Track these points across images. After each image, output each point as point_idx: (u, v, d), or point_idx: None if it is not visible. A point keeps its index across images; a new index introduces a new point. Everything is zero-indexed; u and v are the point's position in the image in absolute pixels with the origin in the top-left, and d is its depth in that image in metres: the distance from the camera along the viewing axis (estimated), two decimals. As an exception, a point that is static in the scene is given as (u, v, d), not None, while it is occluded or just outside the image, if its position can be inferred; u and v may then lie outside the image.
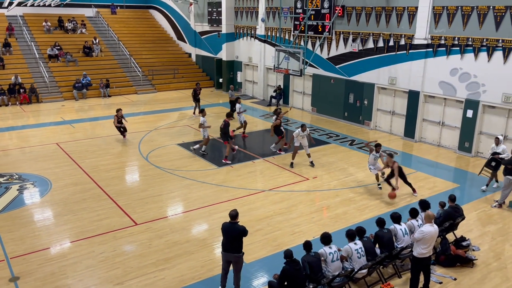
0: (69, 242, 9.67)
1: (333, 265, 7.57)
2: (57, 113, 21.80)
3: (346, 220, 10.77)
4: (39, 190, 12.40)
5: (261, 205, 11.56)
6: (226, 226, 7.77)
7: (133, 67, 28.57)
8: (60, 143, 16.65)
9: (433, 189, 12.81)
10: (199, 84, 21.39)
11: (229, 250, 7.72)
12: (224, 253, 7.79)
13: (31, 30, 28.76)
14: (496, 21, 14.37)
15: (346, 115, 20.34)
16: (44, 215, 10.95)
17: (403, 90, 17.75)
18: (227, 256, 7.79)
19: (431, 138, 17.21)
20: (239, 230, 7.71)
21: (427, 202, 8.92)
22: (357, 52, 19.29)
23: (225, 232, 7.72)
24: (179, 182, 13.16)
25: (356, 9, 18.99)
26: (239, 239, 7.72)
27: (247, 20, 25.88)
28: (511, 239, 10.09)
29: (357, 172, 14.04)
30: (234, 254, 7.73)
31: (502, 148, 12.18)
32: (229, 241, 7.69)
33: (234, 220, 7.74)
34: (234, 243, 7.68)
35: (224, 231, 7.74)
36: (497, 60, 14.55)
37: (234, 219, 7.74)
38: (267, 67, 24.82)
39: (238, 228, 7.71)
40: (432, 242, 7.72)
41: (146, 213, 11.05)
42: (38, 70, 25.74)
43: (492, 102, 14.90)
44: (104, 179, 13.25)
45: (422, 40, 16.55)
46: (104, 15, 32.60)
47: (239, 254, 7.77)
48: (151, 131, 18.62)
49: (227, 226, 7.75)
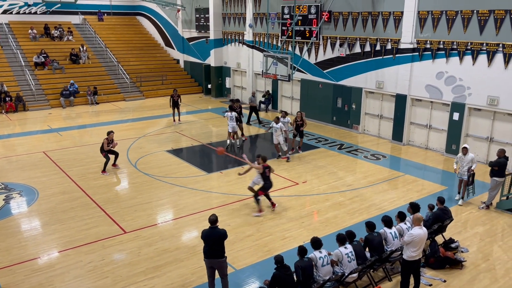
0: (57, 252, 9.53)
1: (323, 270, 7.56)
2: (44, 121, 21.57)
3: (336, 224, 10.79)
4: (26, 200, 12.23)
5: (251, 211, 11.53)
6: (206, 232, 7.71)
7: (121, 74, 28.42)
8: (47, 152, 16.46)
9: (421, 191, 12.91)
10: (176, 90, 21.08)
11: (211, 256, 7.65)
12: (207, 260, 7.72)
13: (16, 37, 28.46)
14: (480, 25, 14.60)
15: (335, 119, 20.45)
16: (31, 225, 10.79)
17: (390, 94, 17.91)
18: (210, 263, 7.74)
19: (418, 141, 17.37)
20: (220, 234, 7.68)
21: (417, 204, 8.96)
22: (345, 57, 19.43)
23: (206, 238, 7.66)
24: (168, 189, 13.08)
25: (342, 14, 19.15)
26: (221, 243, 7.68)
27: (235, 26, 25.94)
28: (499, 240, 10.21)
29: (346, 176, 14.10)
30: (217, 259, 7.68)
31: (470, 157, 11.82)
32: (211, 246, 7.62)
33: (214, 225, 7.70)
34: (216, 248, 7.64)
35: (205, 237, 7.67)
36: (481, 64, 14.76)
37: (214, 224, 7.70)
38: (256, 72, 24.88)
39: (219, 232, 7.69)
40: (422, 245, 7.77)
41: (135, 221, 10.95)
42: (24, 78, 25.47)
43: (478, 105, 15.11)
44: (92, 187, 13.12)
45: (408, 44, 16.74)
46: (91, 22, 32.43)
47: (222, 259, 7.74)
48: (140, 138, 18.51)
49: (207, 232, 7.70)
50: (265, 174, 11.25)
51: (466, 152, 11.86)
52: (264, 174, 11.25)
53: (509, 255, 9.47)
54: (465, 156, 11.86)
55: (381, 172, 14.50)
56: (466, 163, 11.82)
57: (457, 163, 12.09)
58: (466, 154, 11.85)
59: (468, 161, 11.83)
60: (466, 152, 11.86)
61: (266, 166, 11.25)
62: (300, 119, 16.02)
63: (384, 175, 14.29)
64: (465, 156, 11.86)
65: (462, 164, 11.89)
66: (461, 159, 11.95)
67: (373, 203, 12.08)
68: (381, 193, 12.78)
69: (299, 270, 7.34)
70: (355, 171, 14.69)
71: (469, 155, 11.87)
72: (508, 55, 13.99)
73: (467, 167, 11.78)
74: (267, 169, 11.25)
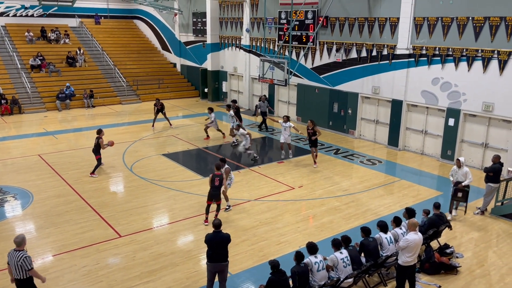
0: (51, 255, 9.47)
1: (319, 275, 7.55)
2: (40, 124, 21.49)
3: (331, 229, 10.79)
4: (20, 203, 12.15)
5: (247, 215, 11.52)
6: (210, 236, 7.72)
7: (117, 77, 28.39)
8: (42, 155, 16.39)
9: (417, 197, 12.95)
10: (159, 99, 20.55)
11: (216, 260, 7.67)
12: (211, 264, 7.72)
13: (13, 40, 28.38)
14: (475, 32, 14.71)
15: (331, 124, 20.50)
16: (25, 228, 10.72)
17: (386, 99, 17.98)
18: (214, 267, 7.73)
19: (414, 147, 17.43)
20: (225, 238, 7.74)
21: (413, 210, 8.98)
22: (341, 62, 19.51)
23: (211, 243, 7.67)
24: (164, 193, 13.05)
25: (339, 20, 19.24)
26: (225, 247, 7.74)
27: (232, 31, 26.01)
28: (494, 245, 10.24)
29: (342, 181, 14.12)
30: (222, 263, 7.71)
31: (465, 171, 11.28)
32: (216, 250, 7.64)
33: (218, 229, 7.74)
34: (220, 252, 7.67)
35: (209, 242, 7.69)
36: (476, 70, 14.86)
37: (218, 228, 7.75)
38: (252, 77, 24.92)
39: (223, 236, 7.74)
40: (417, 250, 7.79)
41: (130, 225, 10.91)
42: (20, 80, 25.39)
43: (473, 111, 15.19)
44: (88, 190, 13.06)
45: (404, 50, 16.84)
46: (88, 25, 32.42)
47: (226, 263, 7.79)
48: (136, 141, 18.47)
49: (212, 236, 7.71)
50: (214, 182, 10.79)
51: (460, 165, 11.35)
52: (212, 182, 10.81)
53: (503, 261, 9.50)
54: (459, 169, 11.39)
55: (377, 177, 14.54)
56: (461, 177, 11.33)
57: (453, 176, 11.63)
58: (460, 167, 11.36)
59: (463, 175, 11.30)
60: (460, 165, 11.36)
61: (216, 174, 10.84)
62: (311, 128, 15.12)
63: (380, 180, 14.32)
64: (459, 169, 11.39)
65: (457, 177, 11.43)
66: (455, 172, 11.51)
67: (368, 208, 12.10)
68: (377, 198, 12.81)
69: (295, 275, 7.33)
70: (351, 176, 14.72)
71: (464, 168, 11.36)
72: (503, 61, 14.10)
73: (468, 180, 11.25)
74: (217, 178, 10.82)
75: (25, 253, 6.96)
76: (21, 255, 6.90)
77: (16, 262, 6.89)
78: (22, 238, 7.07)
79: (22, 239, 7.05)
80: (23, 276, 6.97)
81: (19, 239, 7.04)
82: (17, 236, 7.13)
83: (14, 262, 6.92)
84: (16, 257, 6.91)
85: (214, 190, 10.82)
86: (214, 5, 26.34)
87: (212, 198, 10.91)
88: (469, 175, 11.28)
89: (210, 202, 11.01)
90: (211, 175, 10.86)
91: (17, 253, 6.94)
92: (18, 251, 6.97)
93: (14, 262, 6.92)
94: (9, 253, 7.08)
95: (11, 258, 6.99)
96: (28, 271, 6.95)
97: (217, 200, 10.99)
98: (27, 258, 6.92)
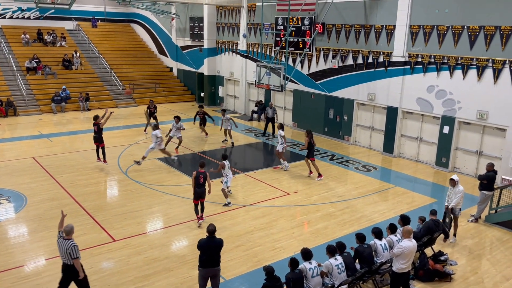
0: (44, 259, 9.41)
1: (313, 281, 7.54)
2: (35, 127, 21.39)
3: (326, 235, 10.79)
4: (13, 206, 12.07)
5: (242, 220, 11.50)
6: (204, 241, 7.71)
7: (113, 81, 28.35)
8: (36, 157, 16.31)
9: (412, 204, 12.98)
10: (153, 101, 20.93)
11: (208, 265, 7.67)
12: (204, 269, 7.71)
13: (9, 42, 28.31)
14: (470, 40, 14.84)
15: (326, 130, 20.55)
16: (18, 232, 10.65)
17: (382, 106, 18.07)
18: (207, 272, 7.73)
19: (409, 154, 17.50)
20: (218, 243, 7.75)
21: (408, 217, 9.00)
22: (337, 69, 19.60)
23: (205, 248, 7.66)
24: (158, 197, 13.01)
25: (336, 27, 19.36)
26: (218, 252, 7.74)
27: (228, 36, 26.08)
28: (487, 253, 10.28)
29: (337, 187, 14.15)
30: (214, 268, 7.73)
31: (458, 190, 10.53)
32: (209, 255, 7.64)
33: (213, 235, 7.74)
34: (214, 257, 7.68)
35: (202, 247, 7.67)
36: (471, 78, 14.98)
37: (213, 234, 7.74)
38: (249, 82, 24.97)
39: (217, 241, 7.75)
40: (411, 257, 7.80)
41: (125, 229, 10.85)
42: (15, 82, 25.29)
43: (467, 119, 15.29)
44: (82, 194, 13.00)
45: (399, 57, 16.95)
46: (84, 28, 32.40)
47: (218, 267, 7.81)
48: (131, 145, 18.42)
49: (205, 242, 7.70)
50: (198, 180, 10.99)
51: (455, 184, 10.61)
52: (197, 180, 10.99)
53: (497, 269, 9.53)
54: (454, 188, 10.65)
55: (372, 184, 14.58)
56: (455, 196, 10.60)
57: (448, 196, 10.89)
58: (455, 186, 10.61)
59: (458, 193, 10.56)
60: (454, 184, 10.62)
61: (200, 172, 11.01)
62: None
63: (375, 186, 14.36)
64: (454, 188, 10.65)
65: (452, 197, 10.66)
66: (450, 192, 10.79)
67: (363, 214, 12.12)
68: (372, 204, 12.83)
69: (290, 282, 7.31)
70: (346, 182, 14.75)
71: (459, 187, 10.59)
72: (498, 70, 14.22)
73: (456, 199, 10.57)
74: (201, 175, 10.97)
75: (73, 242, 7.41)
76: (70, 244, 7.36)
77: (65, 249, 7.36)
78: (71, 228, 7.52)
79: (71, 229, 7.50)
80: (71, 262, 7.44)
81: (69, 228, 7.49)
82: (67, 225, 7.54)
83: (64, 249, 7.38)
84: (65, 245, 7.35)
85: (199, 188, 10.97)
86: (212, 10, 26.43)
87: (199, 197, 11.06)
88: (461, 194, 10.56)
89: (197, 202, 11.14)
90: (194, 173, 11.01)
91: (66, 241, 7.37)
92: (67, 239, 7.39)
93: (64, 250, 7.38)
94: (58, 240, 7.49)
95: (60, 245, 7.43)
96: (73, 259, 7.39)
97: (203, 198, 11.17)
98: (75, 246, 7.38)
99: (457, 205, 10.62)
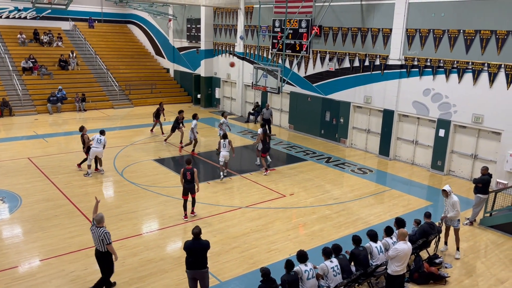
0: (39, 260, 9.36)
1: (308, 283, 7.54)
2: (30, 127, 21.30)
3: (322, 238, 10.80)
4: (8, 206, 12.01)
5: (238, 222, 11.50)
6: (190, 243, 7.70)
7: (110, 82, 28.28)
8: (32, 158, 16.23)
9: (407, 206, 13.02)
10: (162, 103, 21.02)
11: (195, 267, 7.69)
12: (190, 271, 7.74)
13: (5, 42, 28.20)
14: (466, 44, 14.92)
15: (323, 132, 20.59)
16: (13, 232, 10.59)
17: (378, 109, 18.13)
18: (193, 274, 7.76)
19: (405, 156, 17.56)
20: (204, 245, 7.76)
21: (403, 220, 9.04)
22: (334, 71, 19.65)
23: (190, 250, 7.67)
24: (154, 198, 12.98)
25: (332, 29, 19.42)
26: (204, 254, 7.74)
27: (226, 37, 26.09)
28: (482, 256, 10.32)
29: (333, 189, 14.17)
30: (201, 270, 7.72)
31: (452, 201, 9.89)
32: (195, 257, 7.65)
33: (198, 237, 7.73)
34: (199, 259, 7.68)
35: (188, 249, 7.67)
36: (467, 82, 15.06)
37: (198, 236, 7.73)
38: (245, 84, 24.98)
39: (203, 243, 7.75)
40: (406, 260, 7.83)
41: (120, 230, 10.82)
42: (11, 82, 25.18)
43: (463, 122, 15.37)
44: (77, 195, 12.95)
45: (396, 60, 17.02)
46: (81, 28, 32.31)
47: (205, 269, 7.79)
48: (127, 146, 18.38)
49: (191, 244, 7.70)
50: (186, 176, 11.25)
51: (447, 195, 9.97)
52: (184, 177, 11.26)
53: (492, 272, 9.57)
54: (447, 199, 10.01)
55: (368, 186, 14.61)
56: (450, 207, 9.96)
57: (447, 208, 10.18)
58: (448, 196, 9.98)
59: (451, 205, 9.93)
60: (447, 194, 9.97)
61: (187, 169, 11.27)
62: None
63: (371, 189, 14.39)
64: (448, 199, 10.01)
65: (449, 209, 10.02)
66: (446, 203, 10.15)
67: (359, 217, 12.14)
68: (368, 207, 12.86)
69: (285, 284, 7.31)
70: (342, 185, 14.78)
71: (452, 197, 9.92)
72: (493, 74, 14.30)
73: (453, 212, 9.91)
74: (188, 172, 11.23)
75: (105, 229, 7.84)
76: (102, 231, 7.79)
77: (98, 236, 7.79)
78: (101, 217, 7.97)
79: (101, 218, 7.95)
80: (103, 249, 7.87)
81: (98, 217, 7.94)
82: (97, 215, 8.00)
83: (96, 236, 7.82)
84: (98, 232, 7.79)
85: (187, 184, 11.28)
86: (209, 11, 26.44)
87: (187, 192, 11.38)
88: (457, 205, 9.85)
89: (186, 197, 11.40)
90: (182, 170, 11.28)
91: (99, 229, 7.81)
92: (99, 227, 7.83)
93: (96, 237, 7.82)
94: (91, 228, 7.97)
95: (94, 233, 7.89)
96: (106, 245, 7.83)
97: (192, 193, 11.44)
98: (107, 233, 7.81)
99: (455, 217, 9.99)
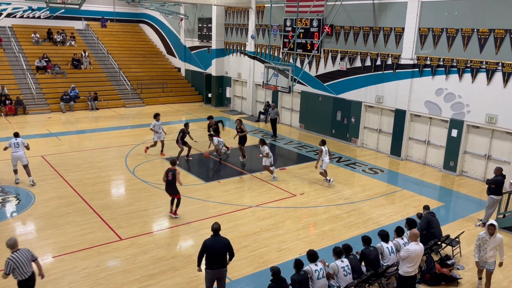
0: (51, 257, 9.48)
1: (319, 283, 7.53)
2: (43, 125, 21.57)
3: (332, 237, 10.77)
4: (22, 203, 12.18)
5: (248, 221, 11.52)
6: (210, 241, 7.54)
7: (122, 81, 28.50)
8: (45, 156, 16.44)
9: (419, 207, 12.87)
10: (188, 124, 17.10)
11: (216, 266, 7.49)
12: (211, 271, 7.53)
13: (19, 41, 28.57)
14: (480, 44, 14.74)
15: (334, 132, 20.51)
16: (26, 229, 10.75)
17: (389, 108, 18.00)
18: (214, 274, 7.57)
19: (417, 157, 17.41)
20: (225, 242, 7.56)
21: (414, 220, 8.99)
22: (345, 71, 19.56)
23: (211, 248, 7.48)
24: (165, 197, 12.99)
25: (344, 29, 19.32)
26: (225, 252, 7.56)
27: (237, 37, 26.12)
28: (495, 258, 10.18)
29: (344, 189, 14.11)
30: (222, 269, 7.58)
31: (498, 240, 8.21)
32: (216, 256, 7.46)
33: (217, 234, 7.59)
34: (221, 257, 7.51)
35: (208, 247, 7.49)
36: (480, 82, 14.88)
37: (217, 232, 7.58)
38: (256, 83, 24.99)
39: (224, 241, 7.57)
40: (418, 261, 7.77)
41: (132, 228, 10.91)
42: (25, 81, 25.52)
43: (476, 122, 15.19)
44: (90, 192, 13.09)
45: (408, 60, 16.88)
46: (94, 28, 32.61)
47: (226, 268, 7.66)
48: (139, 145, 18.51)
49: (211, 241, 7.53)
50: (167, 177, 11.25)
51: (493, 232, 8.13)
52: (166, 177, 11.27)
53: (504, 274, 9.46)
54: (490, 237, 8.17)
55: (379, 186, 14.52)
56: (491, 248, 8.20)
57: (479, 248, 8.36)
58: (493, 234, 8.14)
59: (495, 246, 8.24)
60: (493, 231, 8.14)
61: (170, 169, 11.28)
62: (239, 126, 16.68)
63: (382, 189, 14.30)
64: (490, 238, 8.18)
65: (486, 249, 8.25)
66: (484, 242, 8.27)
67: (370, 217, 12.08)
68: (379, 207, 12.79)
69: (296, 283, 7.31)
70: (353, 185, 14.71)
71: (497, 236, 8.19)
72: (507, 74, 14.11)
73: (492, 252, 8.21)
74: (170, 172, 11.21)
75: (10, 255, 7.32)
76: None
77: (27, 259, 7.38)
78: (14, 240, 7.45)
79: (14, 241, 7.43)
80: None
81: (12, 241, 7.44)
82: (9, 239, 7.49)
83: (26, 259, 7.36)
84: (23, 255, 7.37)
85: (168, 185, 11.35)
86: (220, 11, 26.49)
87: (169, 193, 11.50)
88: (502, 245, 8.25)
89: (172, 196, 11.55)
90: (166, 170, 11.37)
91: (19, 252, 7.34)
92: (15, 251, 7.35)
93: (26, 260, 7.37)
94: (14, 256, 7.38)
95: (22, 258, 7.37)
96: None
97: (175, 194, 11.48)
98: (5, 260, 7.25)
99: (492, 257, 8.31)
